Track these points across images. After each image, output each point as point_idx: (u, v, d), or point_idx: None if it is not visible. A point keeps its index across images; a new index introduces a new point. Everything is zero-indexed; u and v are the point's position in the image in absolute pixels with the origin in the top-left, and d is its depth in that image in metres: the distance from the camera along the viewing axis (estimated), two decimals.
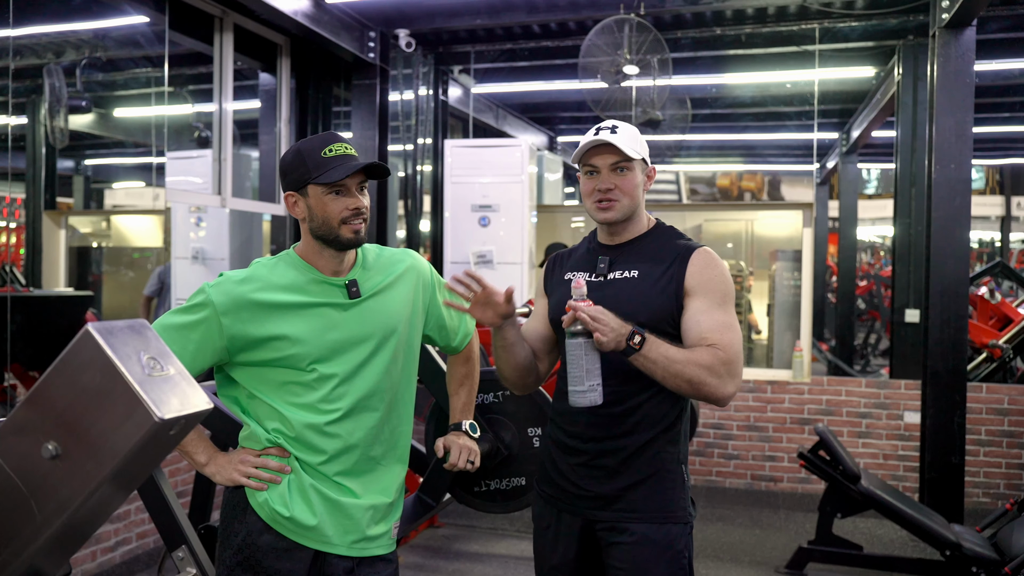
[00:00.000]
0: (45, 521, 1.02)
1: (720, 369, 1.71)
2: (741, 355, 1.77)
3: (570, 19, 5.43)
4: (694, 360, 1.70)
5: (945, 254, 4.50)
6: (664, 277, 1.82)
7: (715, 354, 1.72)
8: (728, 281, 1.83)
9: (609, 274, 1.87)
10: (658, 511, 1.81)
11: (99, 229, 7.71)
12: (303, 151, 1.75)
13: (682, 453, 1.86)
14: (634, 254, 1.88)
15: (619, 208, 1.85)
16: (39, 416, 1.03)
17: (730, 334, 1.77)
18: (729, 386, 1.73)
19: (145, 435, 0.99)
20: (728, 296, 1.81)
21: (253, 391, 1.78)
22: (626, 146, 1.82)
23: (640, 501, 1.81)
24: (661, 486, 1.81)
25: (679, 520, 1.82)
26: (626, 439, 1.81)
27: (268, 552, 1.74)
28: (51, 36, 5.57)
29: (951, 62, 4.47)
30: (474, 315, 1.81)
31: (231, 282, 1.75)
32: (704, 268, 1.82)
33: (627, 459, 1.81)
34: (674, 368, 1.69)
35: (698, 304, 1.79)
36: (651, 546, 1.79)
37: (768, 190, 13.17)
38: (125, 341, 1.02)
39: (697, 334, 1.76)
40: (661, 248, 1.87)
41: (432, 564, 4.12)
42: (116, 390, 0.99)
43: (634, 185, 1.86)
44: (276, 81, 5.45)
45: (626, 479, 1.81)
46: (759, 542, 4.51)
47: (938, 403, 4.50)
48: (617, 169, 1.85)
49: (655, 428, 1.82)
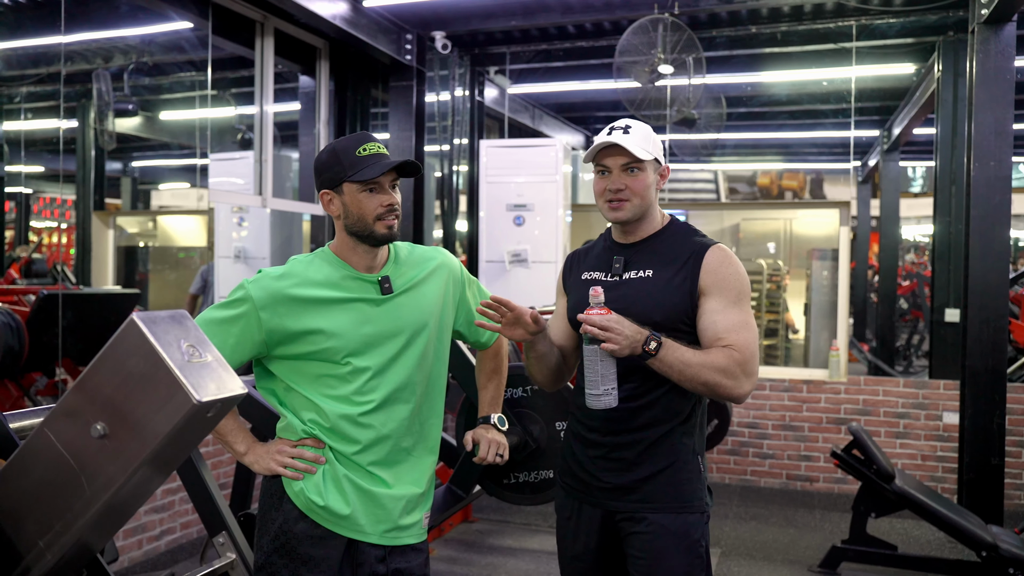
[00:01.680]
0: (93, 496, 1.11)
1: (735, 370, 1.75)
2: (757, 353, 1.80)
3: (605, 19, 5.46)
4: (709, 363, 1.74)
5: (985, 253, 4.44)
6: (678, 276, 1.84)
7: (730, 355, 1.75)
8: (743, 278, 1.84)
9: (624, 274, 1.90)
10: (674, 501, 1.84)
11: (146, 229, 7.92)
12: (338, 150, 1.81)
13: (698, 444, 1.89)
14: (648, 253, 1.91)
15: (630, 208, 1.88)
16: (88, 399, 1.11)
17: (745, 333, 1.79)
18: (745, 385, 1.77)
19: (185, 416, 1.07)
20: (743, 294, 1.83)
21: (290, 383, 1.85)
22: (637, 147, 1.85)
23: (657, 492, 1.84)
24: (677, 477, 1.85)
25: (695, 510, 1.85)
26: (643, 432, 1.85)
27: (303, 539, 1.81)
28: (100, 42, 5.75)
29: (991, 58, 4.41)
30: (505, 335, 1.85)
31: (269, 278, 1.82)
32: (719, 266, 1.83)
33: (644, 451, 1.85)
34: (689, 372, 1.73)
35: (713, 303, 1.81)
36: (668, 536, 1.82)
37: (811, 189, 13.03)
38: (167, 330, 1.09)
39: (713, 334, 1.79)
40: (675, 246, 1.89)
41: (466, 558, 4.18)
42: (158, 375, 1.07)
43: (645, 185, 1.88)
44: (315, 84, 5.56)
45: (643, 470, 1.85)
46: (793, 541, 4.50)
47: (977, 403, 4.44)
48: (628, 170, 1.87)
49: (671, 421, 1.85)
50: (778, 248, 8.57)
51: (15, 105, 6.37)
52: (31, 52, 5.75)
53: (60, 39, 4.48)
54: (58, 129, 6.15)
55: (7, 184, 6.68)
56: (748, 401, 5.56)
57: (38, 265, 6.82)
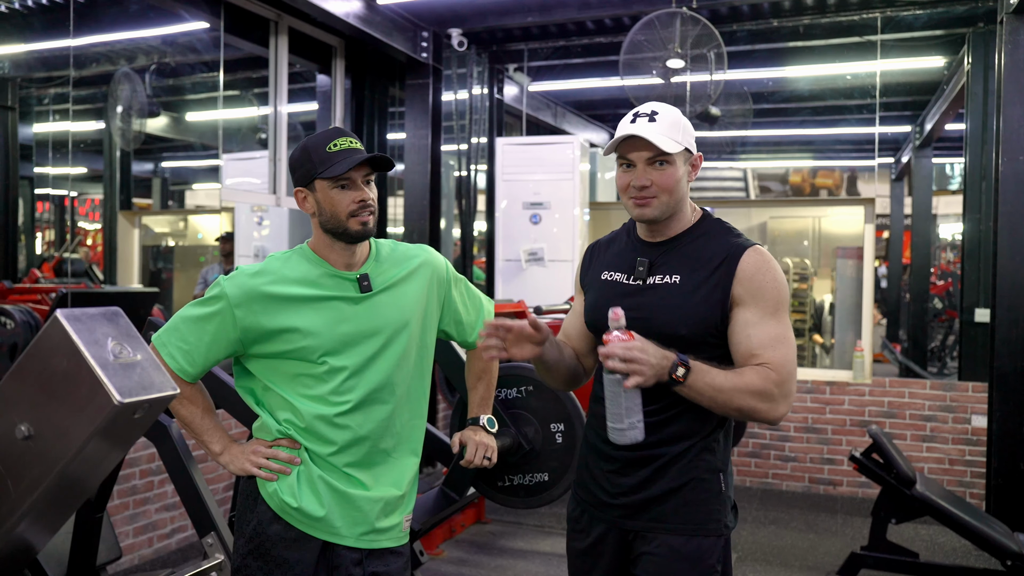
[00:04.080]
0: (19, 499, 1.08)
1: (773, 391, 1.59)
2: (795, 370, 1.64)
3: (623, 14, 5.38)
4: (743, 387, 1.58)
5: (1014, 251, 4.29)
6: (708, 283, 1.66)
7: (766, 376, 1.58)
8: (782, 286, 1.66)
9: (648, 278, 1.72)
10: (689, 523, 1.70)
11: (176, 228, 8.03)
12: (309, 147, 1.78)
13: (720, 461, 1.74)
14: (676, 255, 1.72)
15: (657, 205, 1.68)
16: (13, 400, 1.09)
17: (783, 349, 1.62)
18: (781, 407, 1.61)
19: (106, 417, 1.04)
20: (782, 303, 1.65)
21: (267, 383, 1.82)
22: (663, 137, 1.64)
23: (670, 512, 1.71)
24: (694, 497, 1.70)
25: (711, 533, 1.70)
26: (660, 448, 1.71)
27: (277, 542, 1.78)
28: (123, 43, 5.82)
29: (1020, 49, 4.27)
30: (515, 357, 1.70)
31: (244, 275, 1.79)
32: (756, 273, 1.65)
33: (660, 468, 1.71)
34: (722, 398, 1.58)
35: (748, 315, 1.64)
36: (680, 559, 1.69)
37: (846, 186, 12.78)
38: (93, 328, 1.06)
39: (747, 350, 1.63)
40: (707, 247, 1.70)
41: (476, 559, 4.14)
42: (80, 374, 1.04)
43: (675, 180, 1.68)
44: (331, 82, 5.56)
45: (657, 488, 1.71)
46: (812, 547, 4.39)
47: (1005, 406, 4.30)
48: (655, 163, 1.67)
49: (692, 438, 1.71)
50: (810, 247, 8.43)
51: (44, 107, 6.47)
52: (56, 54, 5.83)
53: (79, 41, 4.53)
54: (82, 131, 6.24)
55: (43, 185, 6.81)
56: None
57: (75, 264, 6.93)
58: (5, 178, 5.46)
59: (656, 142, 1.64)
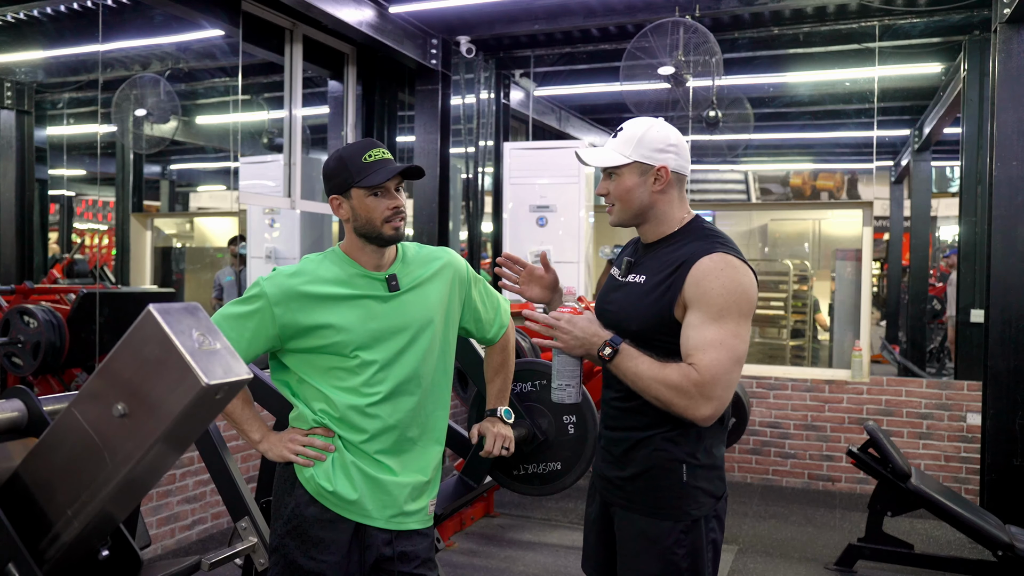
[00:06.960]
0: (114, 469, 1.25)
1: (691, 390, 1.67)
2: (726, 375, 1.68)
3: (627, 22, 5.53)
4: (661, 379, 1.69)
5: (1007, 252, 4.44)
6: (663, 285, 1.78)
7: (686, 375, 1.67)
8: (732, 293, 1.71)
9: (627, 276, 1.89)
10: (649, 505, 1.83)
11: (183, 230, 8.15)
12: (345, 157, 1.92)
13: (684, 452, 1.80)
14: (652, 257, 1.86)
15: (615, 212, 1.89)
16: (110, 382, 1.26)
17: (714, 353, 1.68)
18: (703, 408, 1.68)
19: (194, 397, 1.20)
20: (726, 310, 1.70)
21: (302, 375, 1.96)
22: (605, 155, 1.85)
23: (637, 493, 1.85)
24: (656, 482, 1.82)
25: (669, 517, 1.81)
26: (628, 432, 1.87)
27: (314, 523, 1.92)
28: (138, 50, 5.96)
29: (1013, 57, 4.41)
30: (525, 295, 1.97)
31: (282, 276, 1.93)
32: (703, 279, 1.72)
33: (628, 451, 1.87)
34: (640, 384, 1.72)
35: (691, 318, 1.73)
36: (642, 538, 1.83)
37: (847, 188, 12.91)
38: (180, 319, 1.22)
39: (685, 350, 1.72)
40: (678, 251, 1.80)
41: (486, 551, 4.28)
42: (171, 360, 1.20)
43: (625, 190, 1.84)
44: (343, 88, 5.70)
45: (628, 470, 1.86)
46: (811, 539, 4.53)
47: (999, 403, 4.44)
48: (610, 175, 1.87)
49: (657, 428, 1.81)
50: (810, 249, 8.57)
51: (58, 111, 6.61)
52: (72, 60, 5.98)
53: (98, 47, 4.67)
54: (95, 134, 6.38)
55: (53, 187, 6.95)
56: (770, 401, 5.59)
57: (79, 265, 7.07)
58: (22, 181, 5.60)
59: (587, 159, 1.90)
